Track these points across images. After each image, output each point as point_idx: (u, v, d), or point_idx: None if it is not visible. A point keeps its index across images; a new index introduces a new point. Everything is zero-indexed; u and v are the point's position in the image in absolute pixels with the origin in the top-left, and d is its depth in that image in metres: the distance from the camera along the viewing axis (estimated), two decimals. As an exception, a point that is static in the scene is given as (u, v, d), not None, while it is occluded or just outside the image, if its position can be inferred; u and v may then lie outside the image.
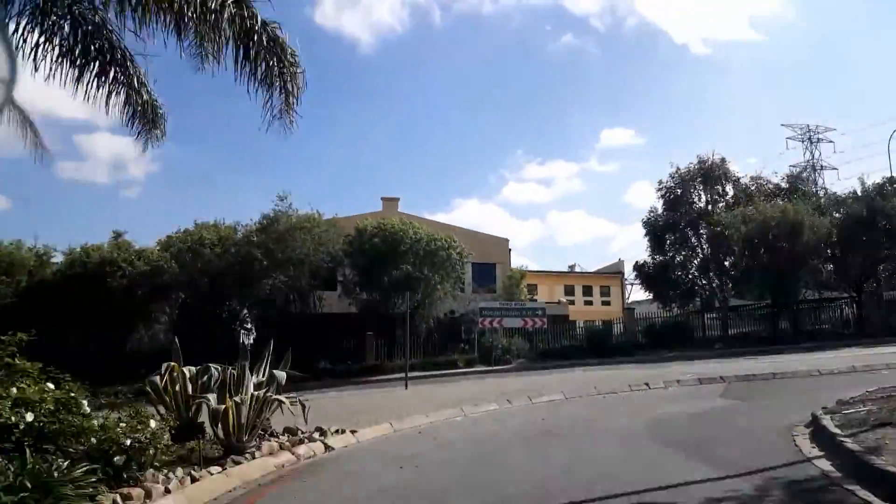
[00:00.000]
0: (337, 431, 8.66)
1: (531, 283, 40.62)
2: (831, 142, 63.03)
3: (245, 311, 27.82)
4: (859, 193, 30.51)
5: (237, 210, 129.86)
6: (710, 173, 31.90)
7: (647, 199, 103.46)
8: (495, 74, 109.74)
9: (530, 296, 34.19)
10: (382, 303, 26.86)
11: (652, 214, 33.24)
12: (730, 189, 32.58)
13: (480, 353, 27.02)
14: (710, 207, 32.16)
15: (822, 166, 56.26)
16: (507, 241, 34.68)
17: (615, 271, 43.42)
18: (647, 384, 13.96)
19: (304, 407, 8.21)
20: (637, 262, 33.65)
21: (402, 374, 25.13)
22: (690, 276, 32.64)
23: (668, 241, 32.64)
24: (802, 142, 62.83)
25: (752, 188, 33.09)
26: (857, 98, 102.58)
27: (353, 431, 8.76)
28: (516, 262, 34.10)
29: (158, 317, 28.02)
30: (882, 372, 14.24)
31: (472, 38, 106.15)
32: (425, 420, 10.07)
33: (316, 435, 8.36)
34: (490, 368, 25.47)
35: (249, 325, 30.26)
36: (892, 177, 29.98)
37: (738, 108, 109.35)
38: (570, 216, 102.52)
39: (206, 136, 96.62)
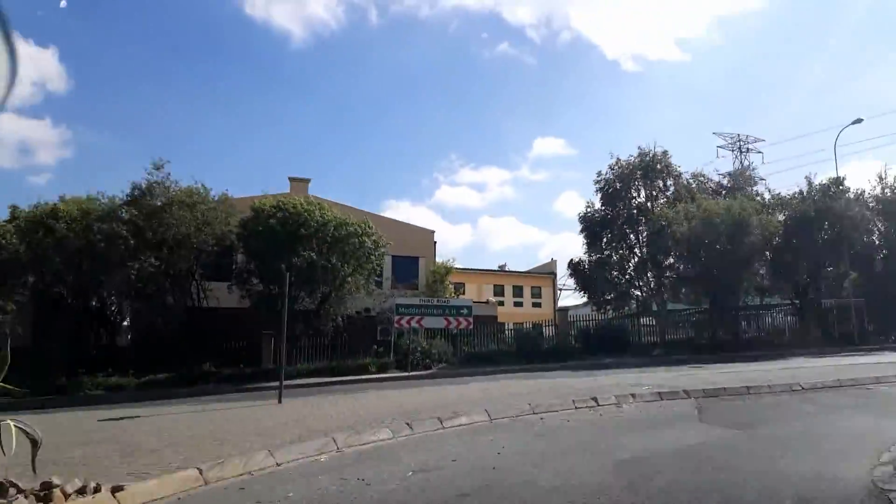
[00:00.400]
0: (83, 491, 4.81)
1: (458, 282, 37.37)
2: (760, 152, 63.41)
3: (113, 301, 23.13)
4: (805, 194, 28.91)
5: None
6: (652, 166, 29.55)
7: (577, 209, 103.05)
8: (431, 78, 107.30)
9: (456, 294, 30.79)
10: (281, 296, 22.78)
11: (589, 209, 30.64)
12: (671, 184, 30.37)
13: (397, 358, 23.49)
14: (650, 204, 29.82)
15: (751, 175, 55.90)
16: (432, 232, 31.25)
17: (548, 272, 40.78)
18: (594, 399, 10.72)
19: (34, 443, 4.38)
20: (572, 259, 30.98)
21: (303, 381, 21.55)
22: (627, 277, 30.20)
23: (605, 239, 30.09)
24: (732, 151, 62.83)
25: (694, 186, 31.03)
26: (773, 116, 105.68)
27: (115, 490, 4.92)
28: (445, 258, 30.61)
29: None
30: (880, 388, 11.62)
31: (409, 40, 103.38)
32: (267, 462, 6.32)
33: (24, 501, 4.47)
34: (406, 375, 21.98)
35: (124, 321, 25.59)
36: (837, 177, 28.53)
37: (666, 123, 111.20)
38: (501, 222, 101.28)
39: (125, 123, 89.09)
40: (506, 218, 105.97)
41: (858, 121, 28.71)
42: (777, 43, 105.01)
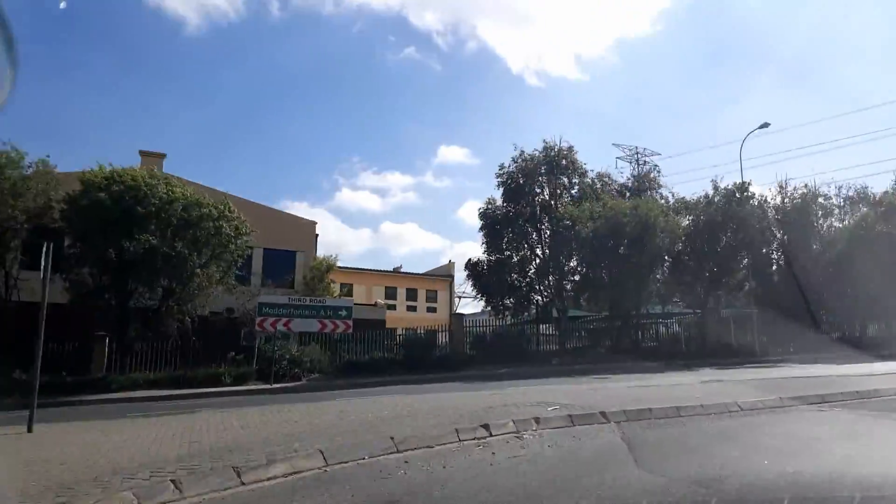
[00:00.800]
0: None
1: (346, 283, 33.84)
2: (657, 165, 64.28)
3: None
4: (710, 198, 27.89)
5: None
6: (557, 161, 27.48)
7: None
8: (334, 77, 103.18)
9: (342, 296, 27.20)
10: (113, 289, 18.46)
11: (490, 206, 28.12)
12: (577, 182, 28.46)
13: (260, 367, 19.83)
14: (554, 202, 27.72)
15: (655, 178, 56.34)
16: (313, 224, 27.54)
17: (445, 275, 38.03)
18: (485, 427, 7.74)
19: None
20: (470, 259, 28.33)
21: (136, 395, 17.60)
22: (528, 280, 27.94)
23: (507, 238, 27.67)
24: (630, 163, 63.31)
25: (599, 186, 29.29)
26: (668, 137, 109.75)
27: None
28: (329, 254, 26.83)
29: None
30: (834, 409, 9.43)
31: (311, 37, 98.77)
32: None
33: None
34: (267, 387, 18.45)
35: None
36: (742, 182, 27.67)
37: (566, 138, 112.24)
38: (403, 228, 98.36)
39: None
40: (408, 224, 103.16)
41: (765, 125, 28.13)
42: (671, 66, 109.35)
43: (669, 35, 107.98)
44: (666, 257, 27.67)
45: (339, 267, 31.02)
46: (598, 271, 27.26)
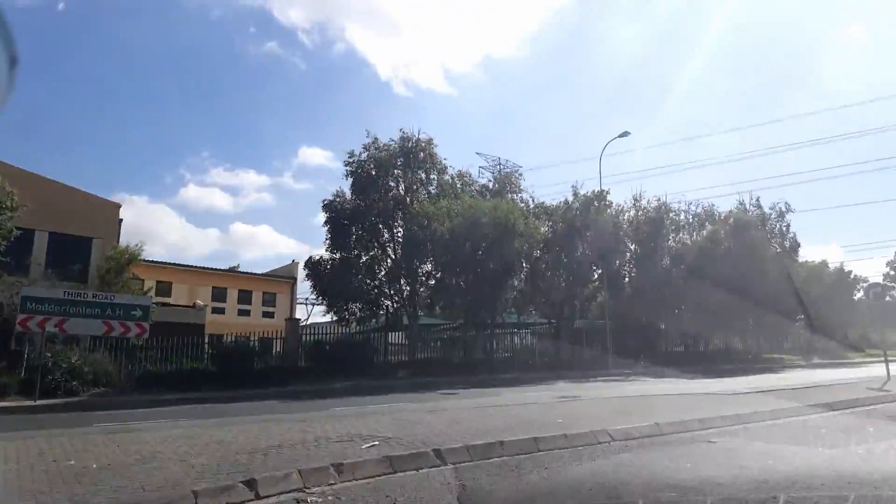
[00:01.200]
0: None
1: (164, 281, 29.04)
2: (520, 167, 64.69)
3: None
4: (570, 204, 26.94)
5: None
6: (414, 153, 25.10)
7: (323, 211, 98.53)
8: (185, 63, 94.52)
9: (149, 292, 22.62)
10: None
11: (338, 198, 25.09)
12: (435, 178, 26.25)
13: (26, 378, 15.55)
14: (409, 198, 25.27)
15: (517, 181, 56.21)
16: (116, 207, 22.79)
17: (288, 276, 34.21)
18: (250, 485, 4.85)
19: None
20: (311, 257, 25.06)
21: None
22: (377, 283, 25.23)
23: (355, 236, 24.77)
24: (493, 173, 63.12)
25: (459, 185, 27.32)
26: (529, 155, 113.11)
27: None
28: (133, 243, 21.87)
29: None
30: (723, 439, 7.56)
31: (162, 18, 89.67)
32: None
33: None
34: (31, 404, 14.27)
35: None
36: (601, 190, 27.02)
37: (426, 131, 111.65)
38: (255, 230, 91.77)
39: None
40: (261, 226, 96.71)
41: (625, 134, 27.77)
42: (536, 88, 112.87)
43: (536, 59, 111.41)
44: (524, 264, 26.29)
45: (154, 261, 26.40)
46: (454, 276, 25.22)
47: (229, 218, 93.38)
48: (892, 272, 51.11)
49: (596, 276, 29.31)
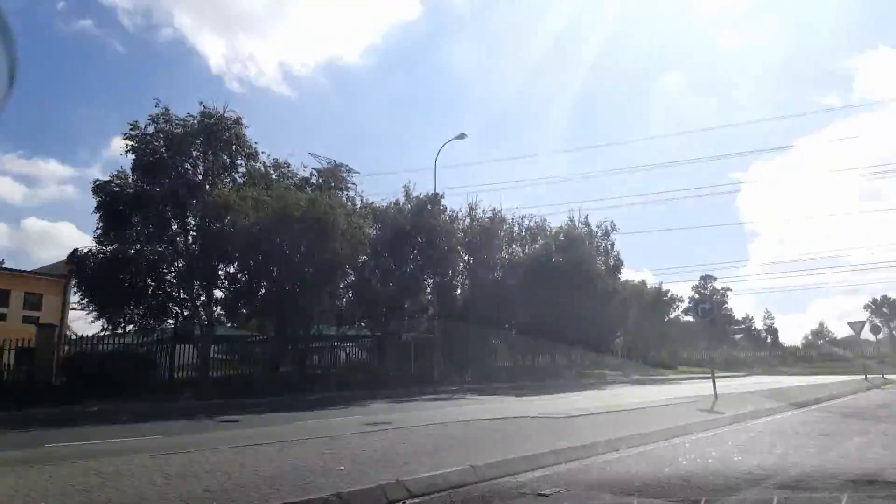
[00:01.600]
0: None
1: None
2: (354, 183, 61.69)
3: None
4: (401, 205, 24.51)
5: None
6: (218, 133, 21.10)
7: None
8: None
9: None
10: None
11: (118, 180, 20.37)
12: (242, 164, 22.38)
13: None
14: (209, 186, 21.16)
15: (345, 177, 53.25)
16: None
17: (58, 274, 28.03)
18: None
19: None
20: (77, 249, 20.02)
21: None
22: (165, 285, 20.83)
23: (138, 227, 20.19)
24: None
25: (275, 176, 23.69)
26: (366, 163, 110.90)
27: None
28: None
29: None
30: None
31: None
32: None
33: None
34: None
35: None
36: (436, 193, 24.93)
37: (270, 151, 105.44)
38: (54, 227, 79.25)
39: None
40: (62, 223, 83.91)
41: (462, 136, 26.13)
42: (377, 97, 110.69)
43: (381, 69, 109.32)
44: (349, 269, 23.35)
45: None
46: (263, 280, 21.62)
47: (22, 211, 79.97)
48: (697, 295, 55.69)
49: (428, 287, 27.28)
